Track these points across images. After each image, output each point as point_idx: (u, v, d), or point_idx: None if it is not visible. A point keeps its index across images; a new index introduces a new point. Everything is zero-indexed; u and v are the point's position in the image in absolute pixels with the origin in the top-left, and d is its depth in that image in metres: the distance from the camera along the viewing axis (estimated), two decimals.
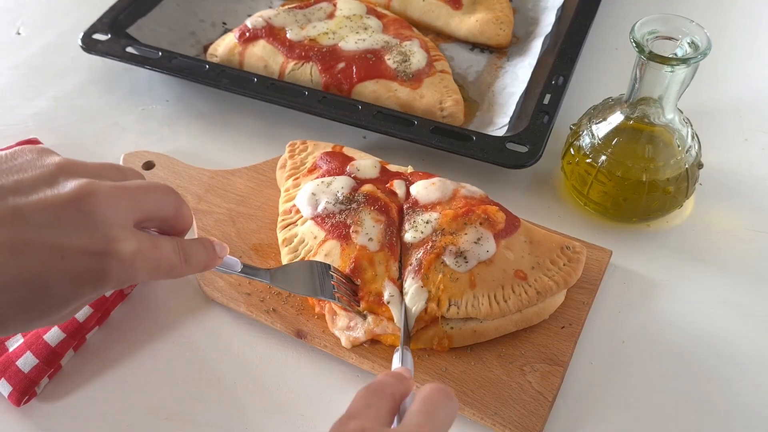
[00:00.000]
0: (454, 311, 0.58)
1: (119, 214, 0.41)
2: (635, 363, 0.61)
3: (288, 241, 0.65)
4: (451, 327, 0.59)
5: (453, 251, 0.59)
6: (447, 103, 0.79)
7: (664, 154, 0.66)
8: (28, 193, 0.40)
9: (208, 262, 0.49)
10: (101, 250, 0.40)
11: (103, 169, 0.44)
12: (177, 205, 0.46)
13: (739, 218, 0.72)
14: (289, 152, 0.73)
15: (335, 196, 0.64)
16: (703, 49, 0.59)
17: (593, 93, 0.78)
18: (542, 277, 0.60)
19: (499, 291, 0.59)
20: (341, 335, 0.60)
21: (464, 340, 0.59)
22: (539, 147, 0.72)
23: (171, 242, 0.45)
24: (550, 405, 0.57)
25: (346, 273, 0.60)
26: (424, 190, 0.65)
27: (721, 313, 0.65)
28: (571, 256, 0.62)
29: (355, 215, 0.62)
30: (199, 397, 0.60)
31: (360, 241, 0.61)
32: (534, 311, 0.60)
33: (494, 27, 0.87)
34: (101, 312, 0.63)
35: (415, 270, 0.59)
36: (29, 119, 0.85)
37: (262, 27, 0.84)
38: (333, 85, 0.81)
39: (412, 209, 0.64)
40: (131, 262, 0.41)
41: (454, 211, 0.62)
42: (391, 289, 0.59)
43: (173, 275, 0.46)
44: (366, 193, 0.64)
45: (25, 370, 0.59)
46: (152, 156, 0.77)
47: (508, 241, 0.61)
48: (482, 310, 0.58)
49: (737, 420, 0.58)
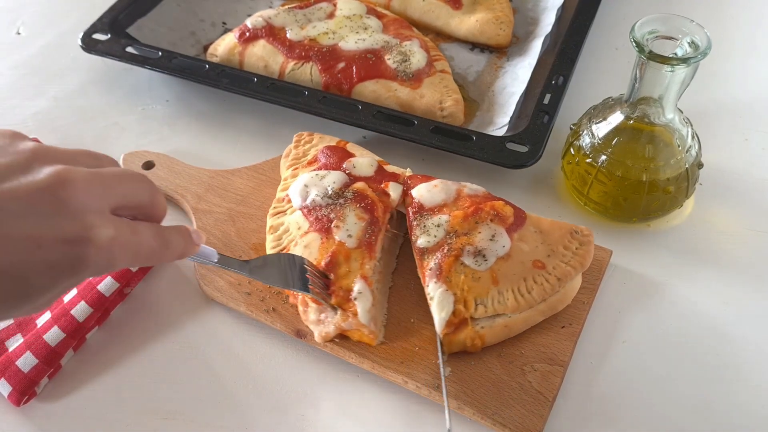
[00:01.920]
0: (482, 310, 0.58)
1: (95, 201, 0.41)
2: (636, 363, 0.61)
3: (274, 229, 0.66)
4: (482, 326, 0.59)
5: (471, 251, 0.59)
6: (447, 103, 0.79)
7: (664, 153, 0.66)
8: (1, 180, 0.39)
9: (186, 248, 0.49)
10: (78, 237, 0.39)
11: (78, 155, 0.44)
12: (152, 193, 0.46)
13: (739, 218, 0.72)
14: (295, 143, 0.74)
15: (325, 190, 0.65)
16: (704, 48, 0.59)
17: (593, 93, 0.78)
18: (559, 264, 0.61)
19: (522, 284, 0.59)
20: (314, 329, 0.61)
21: (496, 337, 0.59)
22: (539, 147, 0.72)
23: (150, 228, 0.45)
24: (550, 405, 0.57)
25: (320, 267, 0.60)
26: (427, 194, 0.64)
27: (721, 313, 0.65)
28: (581, 239, 0.63)
29: (340, 211, 0.63)
30: (199, 396, 0.60)
31: (339, 236, 0.61)
32: (557, 298, 0.61)
33: (494, 27, 0.87)
34: (101, 312, 0.63)
35: (435, 274, 0.59)
36: (29, 119, 0.85)
37: (262, 27, 0.84)
38: (333, 85, 0.81)
39: (419, 214, 0.63)
40: (109, 248, 0.41)
41: (463, 211, 0.62)
42: (361, 286, 0.59)
43: (153, 261, 0.46)
44: (355, 190, 0.64)
45: (25, 370, 0.59)
46: (152, 156, 0.77)
47: (520, 233, 0.62)
48: (509, 305, 0.58)
49: (737, 420, 0.58)
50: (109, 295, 0.63)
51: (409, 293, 0.65)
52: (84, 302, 0.62)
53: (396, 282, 0.66)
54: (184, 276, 0.69)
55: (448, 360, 0.59)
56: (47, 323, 0.62)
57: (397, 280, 0.66)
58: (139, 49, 0.84)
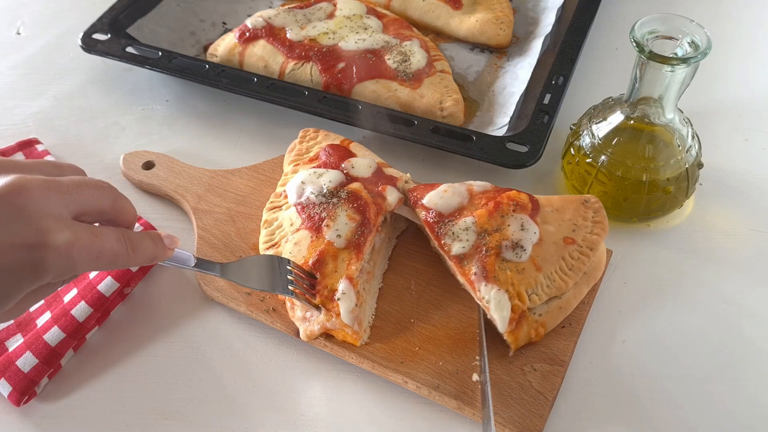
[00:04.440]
0: (536, 299, 0.59)
1: (52, 207, 0.42)
2: (636, 363, 0.61)
3: (268, 224, 0.66)
4: (539, 314, 0.59)
5: (508, 245, 0.60)
6: (447, 103, 0.79)
7: (664, 153, 0.66)
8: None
9: (157, 253, 0.50)
10: (35, 242, 0.41)
11: (38, 165, 0.45)
12: (114, 198, 0.47)
13: (739, 218, 0.72)
14: (300, 138, 0.74)
15: (320, 188, 0.65)
16: (704, 48, 0.59)
17: (593, 93, 0.78)
18: (586, 235, 0.63)
19: (561, 263, 0.61)
20: (300, 326, 0.61)
21: (555, 320, 0.60)
22: (539, 147, 0.72)
23: (115, 232, 0.46)
24: (550, 405, 0.56)
25: (307, 266, 0.60)
26: (441, 200, 0.64)
27: (721, 313, 0.65)
28: (593, 207, 0.64)
29: (332, 210, 0.63)
30: (199, 397, 0.60)
31: (329, 236, 0.61)
32: (593, 266, 0.62)
33: (494, 27, 0.87)
34: (101, 312, 0.63)
35: (483, 277, 0.59)
36: (29, 119, 0.85)
37: (262, 27, 0.84)
38: (333, 85, 0.80)
39: (441, 222, 0.63)
40: (68, 252, 0.42)
41: (486, 209, 0.62)
42: (345, 286, 0.59)
43: (119, 264, 0.47)
44: (350, 191, 0.64)
45: (25, 370, 0.59)
46: (152, 156, 0.77)
47: (541, 216, 0.63)
48: (559, 286, 0.60)
49: (738, 420, 0.58)
50: (109, 295, 0.63)
51: (408, 293, 0.65)
52: (84, 302, 0.62)
53: (396, 283, 0.66)
54: (184, 276, 0.69)
55: (452, 360, 0.59)
56: (47, 323, 0.62)
57: (397, 280, 0.66)
58: (139, 49, 0.84)
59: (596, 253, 0.62)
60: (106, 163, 0.79)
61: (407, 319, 0.63)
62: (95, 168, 0.79)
